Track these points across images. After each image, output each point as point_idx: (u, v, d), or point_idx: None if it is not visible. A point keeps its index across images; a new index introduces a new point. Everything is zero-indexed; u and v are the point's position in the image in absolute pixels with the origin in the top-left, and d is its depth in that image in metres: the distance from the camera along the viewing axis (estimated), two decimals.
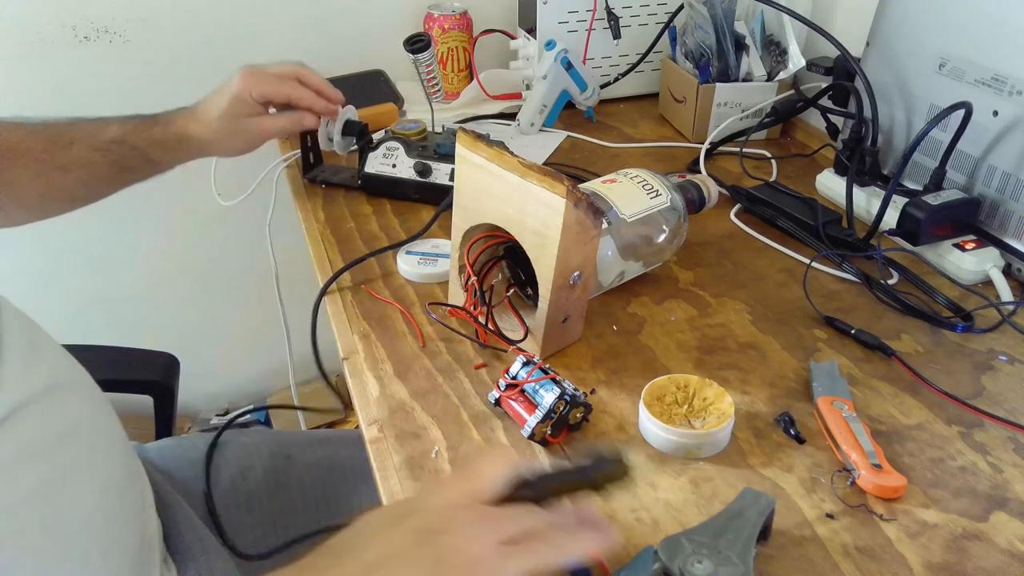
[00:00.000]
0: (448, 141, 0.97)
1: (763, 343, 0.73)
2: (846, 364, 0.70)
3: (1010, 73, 0.80)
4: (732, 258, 0.87)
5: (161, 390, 0.96)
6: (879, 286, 0.80)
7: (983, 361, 0.71)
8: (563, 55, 1.14)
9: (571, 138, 1.16)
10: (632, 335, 0.74)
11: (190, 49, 1.28)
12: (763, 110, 1.13)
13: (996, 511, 0.56)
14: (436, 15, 1.25)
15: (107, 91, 1.27)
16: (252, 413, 1.68)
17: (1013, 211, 0.81)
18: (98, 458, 0.58)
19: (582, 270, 0.67)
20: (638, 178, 0.79)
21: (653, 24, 1.23)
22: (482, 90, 1.25)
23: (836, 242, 0.87)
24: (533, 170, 0.63)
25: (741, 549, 0.48)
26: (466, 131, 0.69)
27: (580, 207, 0.62)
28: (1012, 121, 0.80)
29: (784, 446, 0.62)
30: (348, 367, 0.72)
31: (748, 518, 0.51)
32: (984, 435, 0.63)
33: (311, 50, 1.32)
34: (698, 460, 0.60)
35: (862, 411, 0.64)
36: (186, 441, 0.87)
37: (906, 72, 0.92)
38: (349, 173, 1.03)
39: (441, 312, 0.76)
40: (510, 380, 0.63)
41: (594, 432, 0.63)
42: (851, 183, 0.91)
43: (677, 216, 0.79)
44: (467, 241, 0.72)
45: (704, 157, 1.07)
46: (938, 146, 0.87)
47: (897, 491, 0.57)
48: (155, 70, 1.28)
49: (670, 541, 0.48)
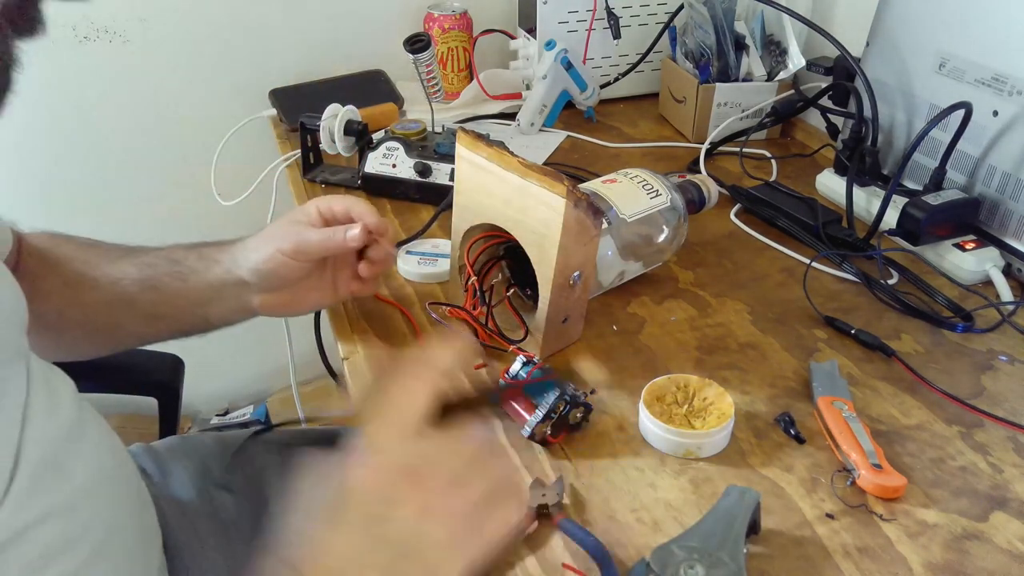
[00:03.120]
0: (448, 141, 0.97)
1: (763, 343, 0.73)
2: (846, 364, 0.70)
3: (1010, 73, 0.80)
4: (732, 258, 0.87)
5: (166, 391, 0.96)
6: (879, 286, 0.80)
7: (983, 361, 0.71)
8: (563, 55, 1.14)
9: (571, 138, 1.16)
10: (632, 335, 0.74)
11: (190, 49, 1.28)
12: (763, 110, 1.13)
13: (996, 511, 0.56)
14: (436, 15, 1.25)
15: (107, 91, 1.27)
16: (252, 413, 1.68)
17: (1013, 211, 0.81)
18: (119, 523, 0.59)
19: (582, 270, 0.67)
20: (638, 178, 0.79)
21: (653, 24, 1.23)
22: (482, 90, 1.25)
23: (836, 242, 0.87)
24: (533, 170, 0.63)
25: (731, 548, 0.48)
26: (466, 131, 0.69)
27: (580, 207, 0.62)
28: (1012, 121, 0.80)
29: (784, 446, 0.62)
30: (348, 367, 0.72)
31: (735, 516, 0.51)
32: (984, 435, 0.63)
33: (311, 50, 1.33)
34: (698, 460, 0.60)
35: (862, 411, 0.64)
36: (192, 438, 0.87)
37: (906, 72, 0.92)
38: (349, 173, 1.04)
39: (441, 312, 0.76)
40: (510, 380, 0.63)
41: (594, 432, 0.63)
42: (851, 183, 0.91)
43: (677, 216, 0.79)
44: (467, 241, 0.72)
45: (704, 157, 1.07)
46: (938, 146, 0.87)
47: (897, 491, 0.57)
48: (155, 70, 1.28)
49: (661, 551, 0.48)
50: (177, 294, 0.72)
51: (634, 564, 0.50)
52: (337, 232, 0.69)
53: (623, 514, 0.56)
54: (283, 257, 0.68)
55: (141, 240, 0.76)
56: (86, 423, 0.60)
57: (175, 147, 1.36)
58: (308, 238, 0.69)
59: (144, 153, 1.36)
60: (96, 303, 0.72)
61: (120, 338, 0.76)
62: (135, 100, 1.29)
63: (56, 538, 0.52)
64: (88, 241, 0.75)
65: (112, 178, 1.36)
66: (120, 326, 0.74)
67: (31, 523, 0.50)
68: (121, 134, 1.31)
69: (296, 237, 0.69)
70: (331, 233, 0.69)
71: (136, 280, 0.72)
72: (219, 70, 1.32)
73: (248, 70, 1.31)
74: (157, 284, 0.72)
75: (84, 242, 0.75)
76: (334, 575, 0.41)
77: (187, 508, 0.77)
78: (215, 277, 0.71)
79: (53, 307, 0.72)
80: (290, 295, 0.72)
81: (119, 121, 1.30)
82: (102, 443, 0.62)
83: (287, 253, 0.68)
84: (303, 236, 0.69)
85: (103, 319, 0.73)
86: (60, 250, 0.74)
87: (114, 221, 1.37)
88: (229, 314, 0.74)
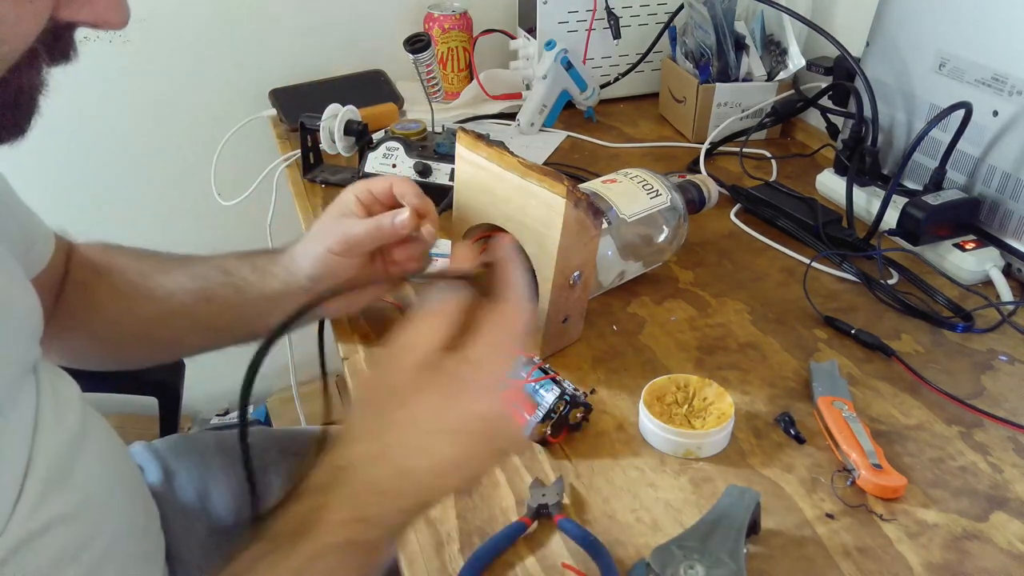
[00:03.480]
0: (448, 141, 0.97)
1: (763, 343, 0.73)
2: (846, 364, 0.70)
3: (1010, 73, 0.80)
4: (732, 258, 0.87)
5: (167, 391, 0.96)
6: (879, 286, 0.80)
7: (983, 361, 0.71)
8: (563, 55, 1.14)
9: (571, 138, 1.16)
10: (632, 335, 0.74)
11: (190, 49, 1.28)
12: (763, 110, 1.13)
13: (996, 511, 0.56)
14: (436, 15, 1.25)
15: (107, 91, 1.27)
16: (252, 413, 1.68)
17: (1013, 211, 0.81)
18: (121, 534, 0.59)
19: (582, 270, 0.67)
20: (638, 178, 0.79)
21: (653, 24, 1.23)
22: (482, 90, 1.25)
23: (836, 242, 0.87)
24: (533, 170, 0.63)
25: (731, 548, 0.48)
26: (466, 131, 0.69)
27: (580, 207, 0.62)
28: (1012, 121, 0.80)
29: (784, 446, 0.62)
30: (348, 367, 0.72)
31: (735, 516, 0.51)
32: (984, 435, 0.63)
33: (312, 50, 1.33)
34: (698, 460, 0.60)
35: (862, 411, 0.64)
36: (194, 437, 0.87)
37: (906, 72, 0.92)
38: (349, 173, 1.04)
39: None
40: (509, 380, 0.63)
41: (594, 432, 0.63)
42: (851, 183, 0.91)
43: (677, 216, 0.79)
44: (467, 241, 0.72)
45: (704, 157, 1.07)
46: (938, 146, 0.87)
47: (897, 491, 0.57)
48: (155, 70, 1.28)
49: (660, 551, 0.48)
50: (234, 306, 0.70)
51: (634, 564, 0.50)
52: (384, 220, 0.66)
53: (623, 514, 0.56)
54: (334, 256, 0.67)
55: (141, 240, 0.76)
56: (90, 429, 0.60)
57: (175, 147, 1.36)
58: (355, 232, 0.66)
59: (144, 153, 1.36)
60: (153, 316, 0.71)
61: (178, 350, 0.76)
62: (135, 100, 1.29)
63: (64, 545, 0.52)
64: (141, 251, 0.74)
65: (112, 178, 1.36)
66: (178, 339, 0.73)
67: (39, 531, 0.50)
68: (121, 134, 1.31)
69: (342, 233, 0.66)
70: (377, 223, 0.66)
71: (191, 291, 0.70)
72: (219, 70, 1.32)
73: (248, 70, 1.31)
74: (212, 296, 0.70)
75: (137, 253, 0.74)
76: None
77: (187, 508, 0.77)
78: (273, 291, 0.70)
79: (108, 319, 0.71)
80: (352, 289, 0.69)
81: (119, 121, 1.30)
82: (106, 449, 0.62)
83: (337, 251, 0.66)
84: (350, 231, 0.66)
85: (161, 332, 0.72)
86: (114, 262, 0.72)
87: (114, 220, 1.38)
88: None
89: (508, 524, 0.54)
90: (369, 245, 0.67)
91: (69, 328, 0.71)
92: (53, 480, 0.53)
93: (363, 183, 0.69)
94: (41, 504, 0.51)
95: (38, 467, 0.52)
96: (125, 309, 0.71)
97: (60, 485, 0.53)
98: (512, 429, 0.45)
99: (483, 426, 0.44)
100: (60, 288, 0.71)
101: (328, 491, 0.43)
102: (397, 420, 0.44)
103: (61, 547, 0.52)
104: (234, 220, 1.26)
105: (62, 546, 0.52)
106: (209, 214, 1.30)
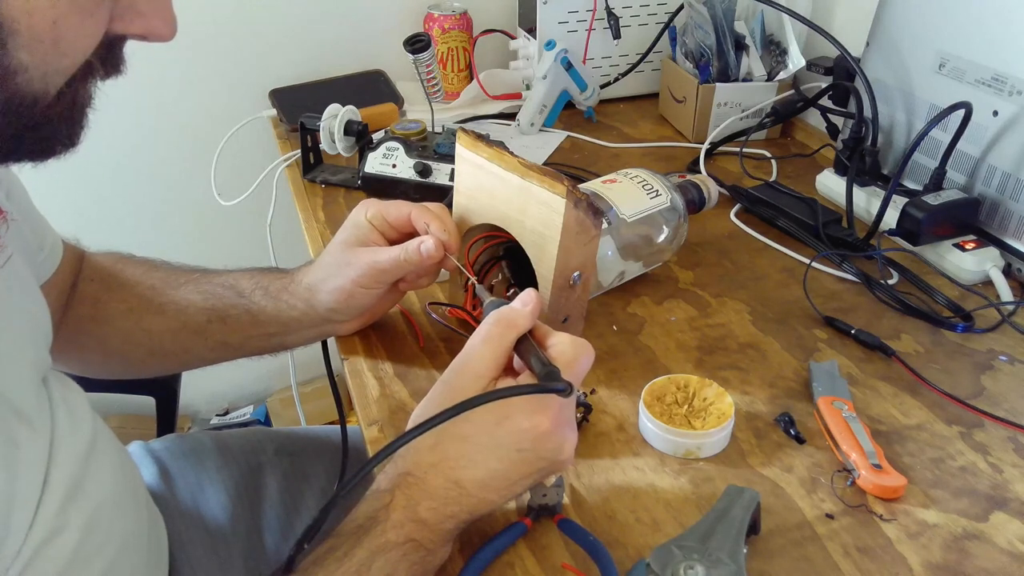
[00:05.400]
0: (448, 141, 0.97)
1: (763, 343, 0.73)
2: (846, 364, 0.70)
3: (1010, 73, 0.80)
4: (732, 258, 0.87)
5: (164, 391, 0.96)
6: (879, 286, 0.80)
7: (983, 361, 0.71)
8: (563, 55, 1.14)
9: (571, 138, 1.16)
10: (632, 335, 0.74)
11: (190, 49, 1.28)
12: (763, 110, 1.12)
13: (996, 511, 0.56)
14: (436, 15, 1.25)
15: (106, 91, 1.27)
16: (252, 413, 1.68)
17: (1013, 211, 0.81)
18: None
19: (582, 270, 0.67)
20: (638, 178, 0.78)
21: (653, 24, 1.23)
22: (482, 90, 1.25)
23: (836, 242, 0.87)
24: (533, 170, 0.63)
25: (731, 548, 0.48)
26: (466, 131, 0.69)
27: (580, 207, 0.62)
28: (1012, 121, 0.80)
29: (784, 446, 0.62)
30: (348, 367, 0.72)
31: (735, 515, 0.51)
32: (984, 435, 0.63)
33: (312, 50, 1.33)
34: (698, 460, 0.60)
35: (862, 411, 0.64)
36: (190, 437, 0.87)
37: (906, 72, 0.92)
38: (349, 173, 1.04)
39: (441, 312, 0.76)
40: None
41: (594, 432, 0.63)
42: (851, 183, 0.91)
43: (677, 216, 0.79)
44: (467, 241, 0.72)
45: (704, 157, 1.07)
46: (938, 146, 0.87)
47: (897, 491, 0.57)
48: (155, 70, 1.28)
49: (660, 551, 0.48)
50: (244, 328, 0.70)
51: (634, 564, 0.50)
52: (410, 249, 0.64)
53: (623, 514, 0.56)
54: (362, 290, 0.66)
55: (141, 240, 0.76)
56: (99, 438, 0.60)
57: (175, 147, 1.36)
58: (381, 264, 0.65)
59: (144, 153, 1.36)
60: (164, 331, 0.71)
61: (188, 361, 0.75)
62: (135, 100, 1.29)
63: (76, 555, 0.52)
64: (151, 263, 0.74)
65: (112, 178, 1.36)
66: (189, 351, 0.73)
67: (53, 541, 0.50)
68: (121, 134, 1.31)
69: (369, 266, 0.65)
70: (403, 253, 0.64)
71: (202, 310, 0.70)
72: (219, 70, 1.32)
73: (248, 70, 1.31)
74: (224, 316, 0.70)
75: (148, 264, 0.74)
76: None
77: (183, 508, 0.77)
78: (290, 318, 0.69)
79: (118, 333, 0.71)
80: (369, 312, 0.71)
81: (119, 121, 1.30)
82: (114, 457, 0.62)
83: (365, 284, 0.66)
84: (376, 263, 0.65)
85: (172, 346, 0.72)
86: (125, 274, 0.73)
87: (114, 220, 1.38)
88: (306, 341, 0.73)
89: (508, 524, 0.54)
90: (396, 276, 0.67)
91: (79, 341, 0.71)
92: (70, 491, 0.53)
93: (375, 207, 0.68)
94: (58, 515, 0.51)
95: (55, 478, 0.52)
96: (136, 324, 0.71)
97: (75, 496, 0.53)
98: (555, 447, 0.50)
99: (529, 444, 0.49)
100: (68, 297, 0.71)
101: (393, 494, 0.48)
102: (455, 434, 0.49)
103: (72, 557, 0.52)
104: (234, 220, 1.26)
105: (73, 555, 0.52)
106: (209, 214, 1.30)
